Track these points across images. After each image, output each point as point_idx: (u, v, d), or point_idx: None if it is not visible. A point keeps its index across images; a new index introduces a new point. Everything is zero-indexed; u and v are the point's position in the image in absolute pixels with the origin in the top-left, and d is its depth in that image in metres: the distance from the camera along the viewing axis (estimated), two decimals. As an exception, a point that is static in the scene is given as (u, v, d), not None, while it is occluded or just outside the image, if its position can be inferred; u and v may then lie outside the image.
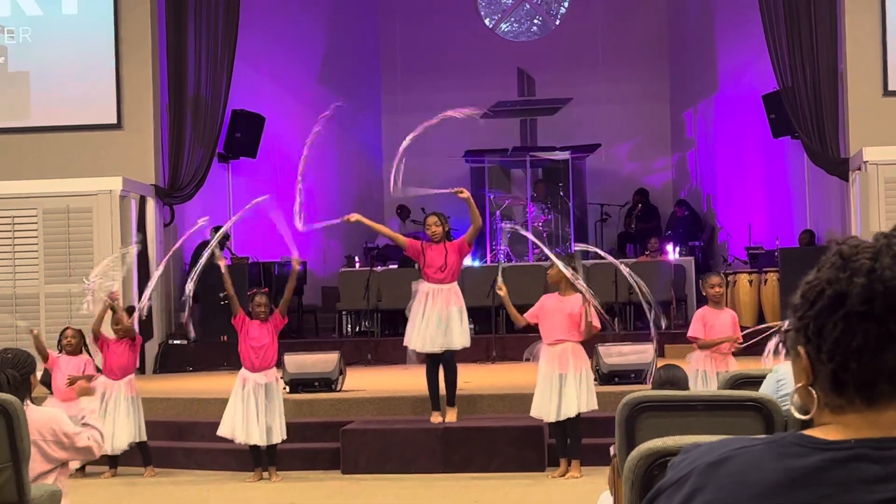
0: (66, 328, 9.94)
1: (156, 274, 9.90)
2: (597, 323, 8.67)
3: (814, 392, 1.45)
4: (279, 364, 9.75)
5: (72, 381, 9.46)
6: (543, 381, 8.79)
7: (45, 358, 9.25)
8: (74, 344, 9.71)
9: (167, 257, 10.48)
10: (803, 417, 1.46)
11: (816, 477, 1.36)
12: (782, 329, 8.48)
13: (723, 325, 8.82)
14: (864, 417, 1.41)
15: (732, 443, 1.45)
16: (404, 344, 9.33)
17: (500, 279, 8.98)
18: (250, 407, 8.99)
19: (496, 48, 20.06)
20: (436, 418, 9.44)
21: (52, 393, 9.49)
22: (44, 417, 5.10)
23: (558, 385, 8.72)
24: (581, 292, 8.57)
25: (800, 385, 1.46)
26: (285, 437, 9.12)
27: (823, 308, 1.42)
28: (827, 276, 1.42)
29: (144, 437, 9.53)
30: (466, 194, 9.14)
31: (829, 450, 1.38)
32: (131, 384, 9.57)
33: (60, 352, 9.58)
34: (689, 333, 8.98)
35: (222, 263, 9.29)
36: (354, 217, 9.53)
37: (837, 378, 1.42)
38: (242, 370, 9.15)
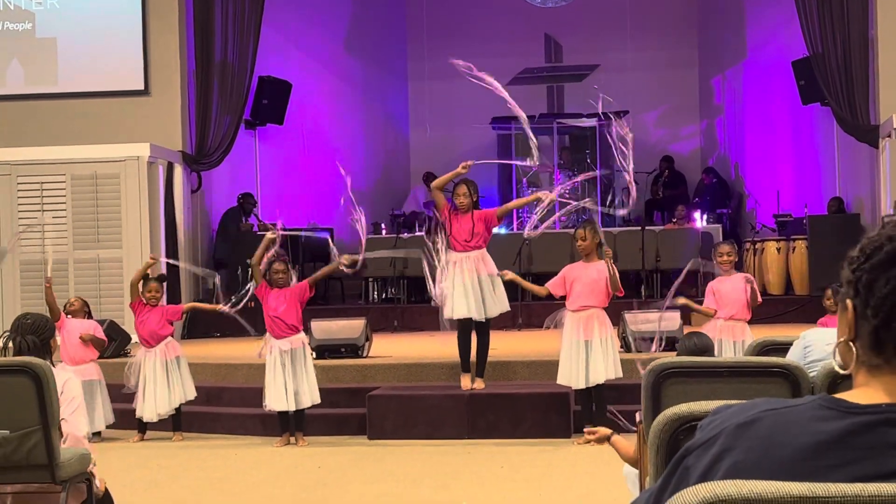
0: (70, 299, 10.00)
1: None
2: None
3: (854, 347, 1.46)
4: (307, 330, 9.77)
5: (86, 340, 9.51)
6: (569, 348, 8.79)
7: (57, 316, 9.29)
8: (77, 307, 9.79)
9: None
10: (843, 372, 1.47)
11: (845, 441, 1.36)
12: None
13: (731, 290, 8.80)
14: (897, 381, 1.42)
15: (762, 404, 1.45)
16: (446, 317, 9.17)
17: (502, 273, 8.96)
18: (277, 373, 9.06)
19: (523, 14, 19.90)
20: (465, 381, 9.41)
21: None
22: (62, 380, 5.14)
23: (584, 352, 8.72)
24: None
25: (842, 339, 1.47)
26: (317, 402, 9.17)
27: (879, 262, 1.43)
28: (889, 233, 1.44)
29: (185, 400, 9.59)
30: (545, 201, 9.39)
31: (859, 413, 1.38)
32: (168, 347, 9.62)
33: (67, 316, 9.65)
34: (704, 305, 8.96)
35: (269, 235, 9.31)
36: (469, 165, 9.19)
37: (878, 336, 1.42)
38: (270, 338, 9.21)
